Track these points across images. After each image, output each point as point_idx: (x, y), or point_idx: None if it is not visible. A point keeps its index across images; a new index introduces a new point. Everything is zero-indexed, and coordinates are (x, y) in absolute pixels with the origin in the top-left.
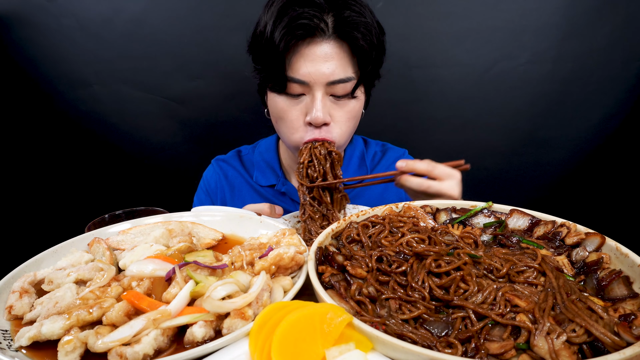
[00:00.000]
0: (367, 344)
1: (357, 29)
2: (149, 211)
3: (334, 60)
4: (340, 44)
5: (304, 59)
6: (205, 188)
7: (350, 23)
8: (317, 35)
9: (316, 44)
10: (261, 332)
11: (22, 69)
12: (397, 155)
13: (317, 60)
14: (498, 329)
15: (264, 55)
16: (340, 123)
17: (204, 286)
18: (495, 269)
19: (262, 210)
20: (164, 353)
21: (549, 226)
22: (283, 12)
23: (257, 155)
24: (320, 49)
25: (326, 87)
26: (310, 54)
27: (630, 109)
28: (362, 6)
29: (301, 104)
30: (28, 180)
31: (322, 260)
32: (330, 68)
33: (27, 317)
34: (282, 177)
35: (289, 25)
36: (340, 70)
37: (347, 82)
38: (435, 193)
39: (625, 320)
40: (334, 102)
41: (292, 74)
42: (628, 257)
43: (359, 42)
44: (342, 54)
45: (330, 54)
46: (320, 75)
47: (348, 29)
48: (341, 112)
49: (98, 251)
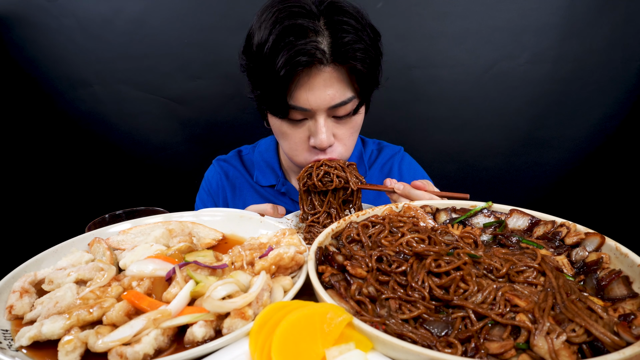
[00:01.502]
0: (367, 343)
1: (354, 56)
2: (149, 211)
3: (333, 86)
4: (338, 69)
5: (304, 88)
6: (207, 188)
7: (348, 50)
8: (316, 64)
9: (315, 73)
10: (261, 332)
11: (22, 69)
12: (392, 152)
13: (317, 87)
14: (498, 329)
15: (265, 83)
16: (345, 139)
17: (204, 286)
18: (495, 269)
19: (265, 211)
20: (164, 353)
21: (548, 226)
22: (281, 40)
23: (257, 155)
24: (319, 77)
25: (328, 111)
26: (310, 82)
27: (630, 109)
28: (357, 19)
29: (304, 127)
30: (28, 180)
31: (322, 260)
32: (330, 94)
33: (27, 317)
34: (282, 177)
35: (290, 60)
36: (340, 94)
37: (347, 103)
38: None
39: (625, 320)
40: (337, 121)
41: (293, 103)
42: (628, 257)
43: (357, 67)
44: (340, 78)
45: (330, 80)
46: (321, 102)
47: (346, 57)
48: (344, 130)
49: (98, 251)
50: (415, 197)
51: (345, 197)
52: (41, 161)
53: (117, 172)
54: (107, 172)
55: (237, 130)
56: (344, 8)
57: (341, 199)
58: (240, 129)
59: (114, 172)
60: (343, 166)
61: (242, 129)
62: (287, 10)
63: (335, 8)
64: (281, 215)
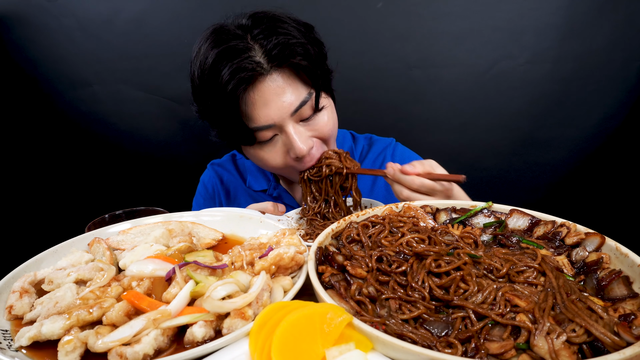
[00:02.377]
0: (367, 344)
1: (292, 53)
2: (149, 211)
3: (285, 91)
4: (282, 72)
5: (258, 105)
6: (203, 192)
7: (281, 50)
8: (259, 77)
9: (261, 86)
10: (261, 332)
11: (22, 69)
12: (384, 146)
13: (270, 99)
14: (498, 329)
15: (219, 115)
16: (323, 137)
17: (204, 286)
18: (495, 269)
19: (265, 209)
20: (164, 353)
21: (548, 226)
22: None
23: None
24: (268, 87)
25: (293, 118)
26: (262, 97)
27: (630, 109)
28: (281, 20)
29: (277, 144)
30: (28, 180)
31: (322, 260)
32: (286, 101)
33: (27, 317)
34: (273, 182)
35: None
36: (296, 96)
37: (306, 102)
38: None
39: (625, 320)
40: (307, 124)
41: (255, 124)
42: (628, 257)
43: (300, 63)
44: (289, 80)
45: (280, 87)
46: (280, 112)
47: (283, 57)
48: (318, 127)
49: (98, 251)
50: (404, 182)
51: (341, 182)
52: (41, 161)
53: (117, 172)
54: (107, 172)
55: None
56: (268, 15)
57: (338, 184)
58: None
59: (114, 172)
60: (339, 153)
61: None
62: (215, 40)
63: (255, 20)
64: (281, 213)
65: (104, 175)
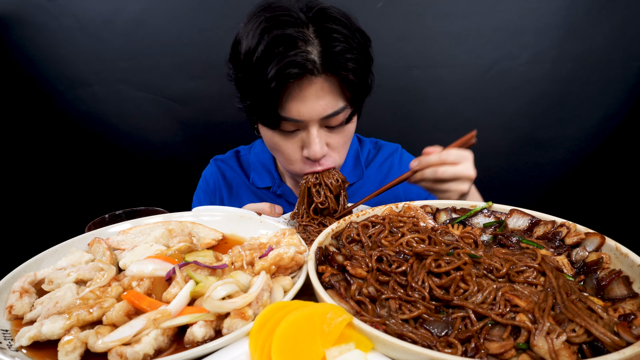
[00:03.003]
0: (367, 344)
1: (346, 66)
2: (149, 211)
3: (325, 97)
4: (329, 79)
5: (295, 100)
6: (205, 188)
7: (340, 60)
8: (307, 75)
9: (306, 84)
10: (261, 332)
11: (22, 69)
12: (390, 151)
13: (308, 98)
14: (498, 329)
15: (255, 94)
16: (338, 148)
17: (204, 286)
18: (495, 269)
19: (262, 210)
20: (164, 353)
21: (548, 226)
22: (270, 51)
23: (253, 156)
24: (311, 88)
25: (320, 121)
26: (301, 94)
27: (630, 109)
28: (346, 25)
29: (296, 137)
30: (28, 180)
31: (322, 260)
32: (322, 105)
33: (27, 317)
34: (277, 179)
35: (280, 71)
36: (333, 105)
37: (340, 113)
38: (451, 177)
39: (625, 320)
40: (329, 131)
41: (285, 114)
42: (628, 257)
43: (348, 77)
44: (332, 88)
45: (321, 91)
46: (313, 113)
47: (337, 67)
48: (337, 138)
49: (98, 251)
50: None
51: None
52: (41, 161)
53: (116, 172)
54: (107, 172)
55: (236, 130)
56: (332, 15)
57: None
58: (240, 129)
59: (114, 172)
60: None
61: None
62: (274, 19)
63: (323, 15)
64: (278, 214)
65: (104, 175)
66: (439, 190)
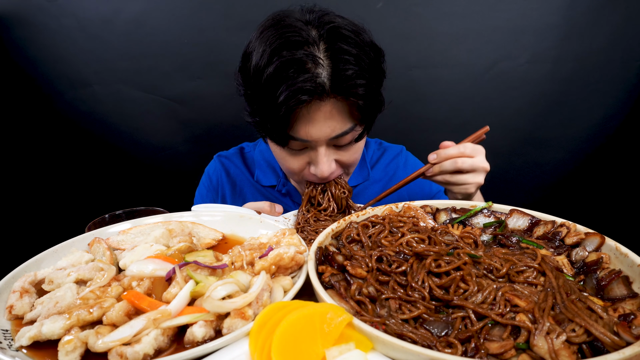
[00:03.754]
0: (367, 343)
1: (356, 92)
2: (149, 211)
3: (334, 119)
4: (339, 101)
5: (304, 122)
6: (207, 184)
7: (350, 85)
8: (316, 97)
9: (316, 107)
10: (261, 332)
11: (22, 69)
12: (395, 153)
13: (317, 121)
14: (498, 329)
15: (263, 113)
16: (347, 163)
17: (204, 286)
18: (495, 269)
19: (262, 209)
20: (164, 353)
21: (548, 226)
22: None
23: (258, 153)
24: (320, 111)
25: (328, 141)
26: (310, 116)
27: (630, 109)
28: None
29: (304, 154)
30: (28, 180)
31: (322, 260)
32: (330, 126)
33: (27, 317)
34: (282, 178)
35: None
36: (341, 126)
37: (348, 133)
38: (470, 168)
39: (625, 320)
40: (338, 149)
41: (293, 134)
42: (628, 257)
43: (358, 100)
44: (341, 110)
45: (330, 113)
46: (321, 134)
47: (347, 92)
48: (347, 155)
49: (98, 251)
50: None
51: None
52: (41, 161)
53: (117, 172)
54: (107, 172)
55: (236, 130)
56: (344, 34)
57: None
58: (240, 129)
59: (114, 172)
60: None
61: (242, 129)
62: (284, 38)
63: (335, 34)
64: (278, 213)
65: (104, 175)
66: (456, 183)
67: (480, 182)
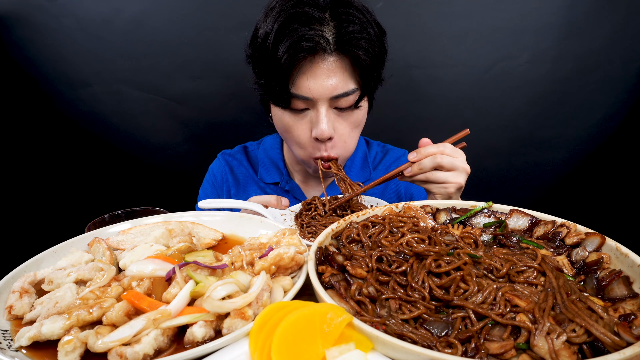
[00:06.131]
0: (367, 344)
1: (358, 45)
2: (149, 211)
3: (336, 75)
4: (341, 58)
5: (307, 76)
6: (212, 181)
7: (352, 39)
8: (319, 52)
9: (318, 61)
10: (261, 332)
11: (22, 69)
12: (397, 155)
13: (319, 76)
14: (498, 329)
15: (267, 71)
16: (345, 135)
17: (204, 286)
18: (495, 269)
19: (268, 202)
20: (164, 353)
21: (548, 226)
22: (285, 28)
23: (262, 152)
24: (322, 65)
25: (330, 101)
26: (313, 70)
27: (630, 109)
28: (363, 13)
29: (306, 118)
30: (28, 180)
31: (322, 260)
32: (332, 83)
33: (27, 317)
34: (285, 176)
35: (292, 45)
36: (343, 85)
37: (350, 95)
38: (450, 165)
39: (625, 320)
40: (338, 114)
41: (295, 91)
42: (628, 257)
43: (360, 57)
44: (343, 68)
45: (332, 69)
46: (323, 91)
47: (349, 45)
48: (345, 124)
49: (98, 251)
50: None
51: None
52: (41, 161)
53: (117, 172)
54: (107, 172)
55: (237, 130)
56: (352, 3)
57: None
58: (240, 129)
59: (114, 172)
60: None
61: (242, 129)
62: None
63: (342, 1)
64: (285, 207)
65: (104, 175)
66: (435, 181)
67: (461, 183)
